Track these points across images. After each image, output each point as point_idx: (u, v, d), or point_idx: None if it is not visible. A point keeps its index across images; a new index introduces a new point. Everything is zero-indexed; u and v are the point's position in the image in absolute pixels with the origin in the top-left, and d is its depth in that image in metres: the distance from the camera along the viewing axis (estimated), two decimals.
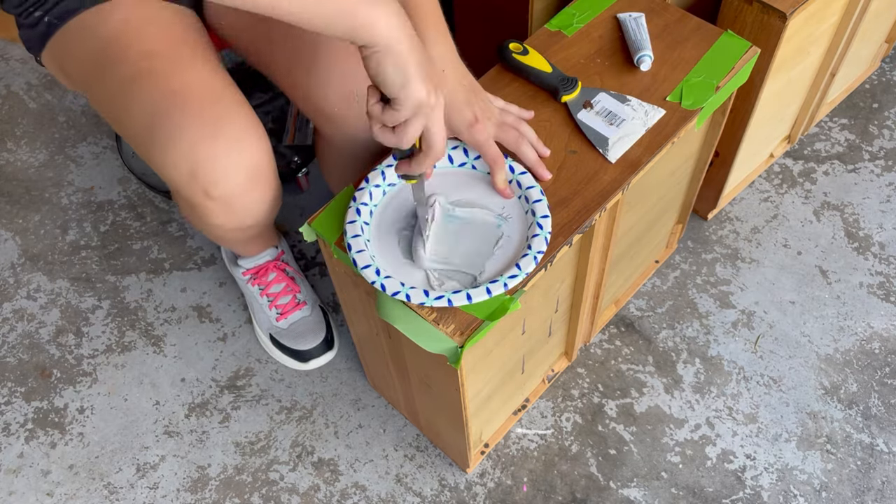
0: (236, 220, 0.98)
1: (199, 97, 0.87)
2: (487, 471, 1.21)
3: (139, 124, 0.88)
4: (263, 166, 0.93)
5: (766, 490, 1.18)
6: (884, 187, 1.49)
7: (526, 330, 1.02)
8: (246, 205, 0.95)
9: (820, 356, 1.30)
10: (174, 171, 0.88)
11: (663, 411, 1.25)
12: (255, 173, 0.92)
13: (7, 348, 1.36)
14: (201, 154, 0.86)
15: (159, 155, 0.88)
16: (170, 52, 0.90)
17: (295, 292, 1.30)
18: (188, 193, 0.91)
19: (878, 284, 1.37)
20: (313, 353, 1.30)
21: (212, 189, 0.89)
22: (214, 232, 1.07)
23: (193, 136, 0.86)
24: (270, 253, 1.27)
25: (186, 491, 1.21)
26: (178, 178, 0.89)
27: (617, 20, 1.06)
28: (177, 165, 0.87)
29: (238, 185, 0.91)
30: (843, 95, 1.61)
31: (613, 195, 0.91)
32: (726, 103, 1.08)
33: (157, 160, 0.89)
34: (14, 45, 1.78)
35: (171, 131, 0.86)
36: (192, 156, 0.86)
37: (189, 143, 0.86)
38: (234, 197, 0.92)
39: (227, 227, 1.00)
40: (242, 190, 0.92)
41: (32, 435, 1.27)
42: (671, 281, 1.39)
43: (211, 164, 0.87)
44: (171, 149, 0.86)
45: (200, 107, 0.86)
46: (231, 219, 0.97)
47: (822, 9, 1.15)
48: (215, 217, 0.95)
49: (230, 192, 0.91)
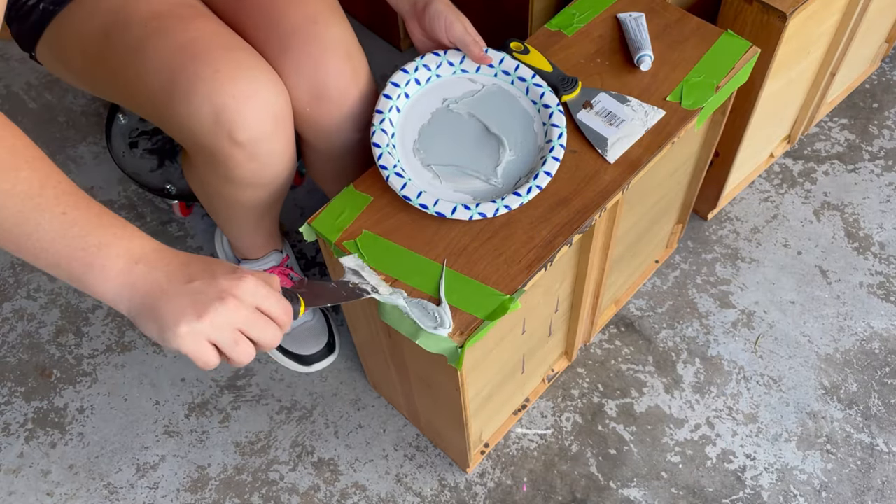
0: (259, 171, 0.95)
1: (215, 45, 0.86)
2: (487, 471, 1.21)
3: (156, 84, 0.87)
4: (286, 114, 0.91)
5: (766, 490, 1.18)
6: (884, 187, 1.49)
7: (526, 330, 1.02)
8: (270, 152, 0.93)
9: (820, 356, 1.30)
10: (197, 121, 0.86)
11: (663, 411, 1.25)
12: (278, 118, 0.90)
13: (7, 348, 1.36)
14: (224, 96, 0.84)
15: (181, 106, 0.86)
16: (176, 11, 0.89)
17: None
18: (213, 142, 0.88)
19: (878, 284, 1.37)
20: (316, 357, 1.29)
21: (237, 132, 0.87)
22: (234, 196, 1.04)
23: (213, 81, 0.84)
24: (275, 258, 1.27)
25: (186, 491, 1.21)
26: (201, 126, 0.87)
27: (617, 20, 1.06)
28: (200, 112, 0.85)
29: (263, 129, 0.89)
30: (843, 95, 1.61)
31: (613, 195, 0.91)
32: (726, 103, 1.08)
33: (179, 114, 0.87)
34: (14, 45, 1.78)
35: (190, 81, 0.84)
36: (215, 98, 0.84)
37: (210, 88, 0.84)
38: (259, 142, 0.90)
39: (249, 180, 0.96)
40: (267, 135, 0.90)
41: (32, 435, 1.27)
42: (671, 281, 1.39)
43: (234, 105, 0.85)
44: (192, 97, 0.85)
45: (217, 54, 0.85)
46: (254, 169, 0.94)
47: (822, 9, 1.15)
48: (239, 167, 0.92)
49: (255, 136, 0.89)
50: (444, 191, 0.89)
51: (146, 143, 1.47)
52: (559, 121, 0.92)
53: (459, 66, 0.96)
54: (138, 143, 1.47)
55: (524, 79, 0.95)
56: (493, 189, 0.90)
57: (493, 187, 0.90)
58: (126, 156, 1.45)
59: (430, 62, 0.96)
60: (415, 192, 0.87)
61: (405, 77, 0.94)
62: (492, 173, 0.91)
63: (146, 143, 1.47)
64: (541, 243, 0.87)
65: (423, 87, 0.96)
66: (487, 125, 0.94)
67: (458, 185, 0.90)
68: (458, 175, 0.91)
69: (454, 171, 0.91)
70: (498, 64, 0.96)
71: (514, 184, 0.90)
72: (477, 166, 0.91)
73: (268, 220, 1.19)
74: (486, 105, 0.95)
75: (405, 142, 0.93)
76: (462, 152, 0.92)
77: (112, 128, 1.47)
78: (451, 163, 0.91)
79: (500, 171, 0.91)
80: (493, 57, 0.96)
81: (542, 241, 0.87)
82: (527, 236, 0.87)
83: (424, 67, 0.95)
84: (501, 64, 0.96)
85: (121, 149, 1.46)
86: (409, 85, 0.95)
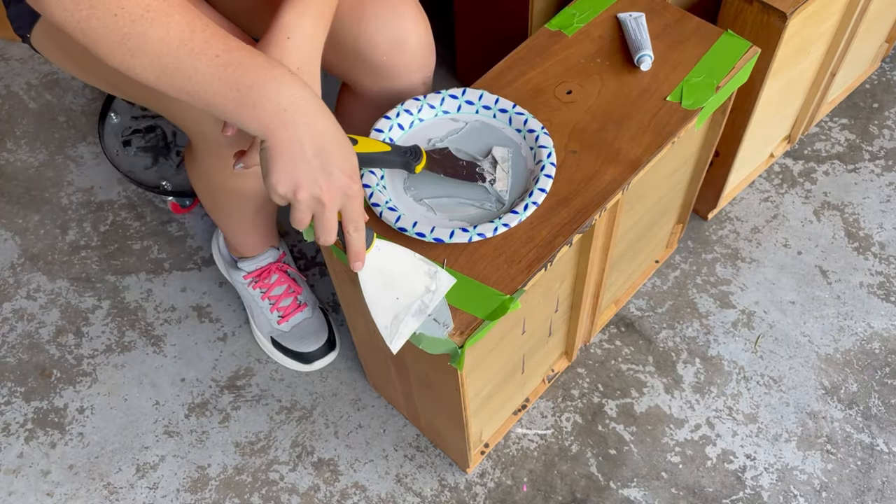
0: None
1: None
2: (487, 471, 1.21)
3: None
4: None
5: (766, 490, 1.18)
6: (884, 187, 1.49)
7: (526, 330, 1.02)
8: None
9: (820, 356, 1.30)
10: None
11: (663, 411, 1.25)
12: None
13: (7, 348, 1.36)
14: None
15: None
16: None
17: (297, 294, 1.30)
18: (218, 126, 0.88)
19: (878, 284, 1.37)
20: (317, 354, 1.29)
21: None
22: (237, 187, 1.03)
23: None
24: (272, 255, 1.27)
25: (186, 491, 1.21)
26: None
27: (617, 20, 1.06)
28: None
29: None
30: (844, 95, 1.61)
31: (613, 195, 0.91)
32: (726, 103, 1.08)
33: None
34: (14, 44, 1.78)
35: None
36: None
37: None
38: None
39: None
40: None
41: (32, 435, 1.27)
42: (671, 281, 1.39)
43: None
44: None
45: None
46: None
47: (822, 9, 1.15)
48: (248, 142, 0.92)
49: None
50: (440, 220, 0.89)
51: (139, 142, 1.47)
52: (546, 142, 0.91)
53: (440, 107, 0.96)
54: (131, 141, 1.47)
55: (505, 110, 0.95)
56: (489, 214, 0.89)
57: (488, 212, 0.89)
58: (120, 155, 1.45)
59: (411, 107, 0.95)
60: (410, 222, 0.86)
61: (388, 123, 0.94)
62: (486, 198, 0.90)
63: (139, 142, 1.47)
64: (541, 243, 0.87)
65: (407, 131, 0.96)
66: (475, 157, 0.93)
67: (454, 214, 0.89)
68: (452, 206, 0.90)
69: (448, 202, 0.90)
70: (478, 100, 0.96)
71: (509, 206, 0.89)
72: (469, 195, 0.91)
73: (265, 212, 1.19)
74: (471, 140, 0.95)
75: (394, 183, 0.92)
76: (453, 185, 0.91)
77: (104, 127, 1.47)
78: (444, 195, 0.91)
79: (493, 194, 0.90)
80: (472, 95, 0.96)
81: (542, 241, 0.87)
82: (527, 236, 0.87)
83: (406, 112, 0.95)
84: (481, 100, 0.96)
85: (114, 148, 1.46)
86: (392, 130, 0.94)
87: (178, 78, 0.68)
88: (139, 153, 1.46)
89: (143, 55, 0.67)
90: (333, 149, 0.72)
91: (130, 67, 0.68)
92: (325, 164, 0.71)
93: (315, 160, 0.71)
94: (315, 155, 0.71)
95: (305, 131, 0.70)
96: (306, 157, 0.70)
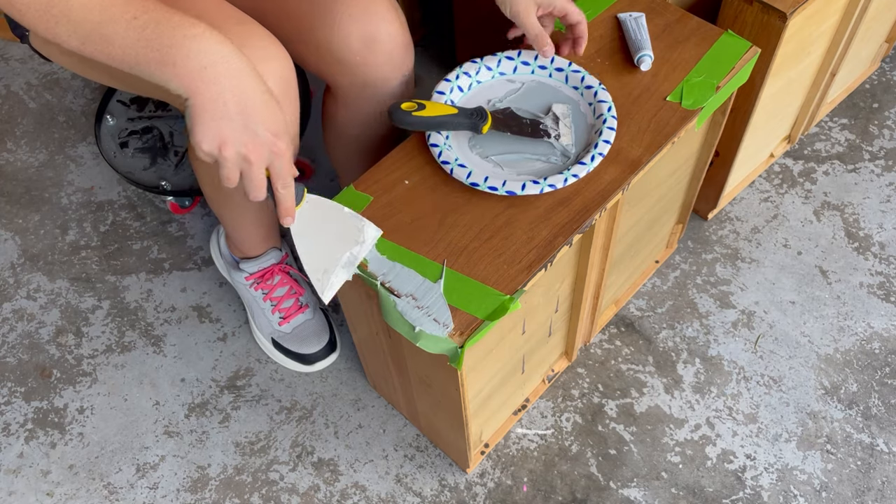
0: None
1: (221, 18, 0.87)
2: (487, 471, 1.21)
3: None
4: (292, 82, 0.92)
5: (766, 490, 1.18)
6: (884, 187, 1.49)
7: (526, 330, 1.02)
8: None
9: (820, 356, 1.30)
10: None
11: (663, 411, 1.25)
12: (286, 86, 0.91)
13: (7, 348, 1.36)
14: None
15: None
16: None
17: (299, 295, 1.30)
18: None
19: (878, 284, 1.37)
20: (318, 355, 1.29)
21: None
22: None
23: None
24: (275, 255, 1.27)
25: (186, 491, 1.21)
26: None
27: (617, 20, 1.06)
28: None
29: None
30: (844, 95, 1.61)
31: (613, 195, 0.91)
32: (726, 103, 1.08)
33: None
34: (14, 44, 1.78)
35: None
36: None
37: None
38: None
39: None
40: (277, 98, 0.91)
41: (32, 435, 1.27)
42: (671, 281, 1.39)
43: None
44: None
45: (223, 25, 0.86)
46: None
47: (822, 9, 1.15)
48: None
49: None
50: (509, 175, 0.92)
51: (136, 143, 1.47)
52: (605, 97, 0.95)
53: (497, 69, 0.99)
54: (128, 142, 1.47)
55: (561, 69, 0.99)
56: (555, 167, 0.92)
57: (554, 165, 0.92)
58: (117, 156, 1.45)
59: (469, 69, 0.99)
60: (481, 177, 0.89)
61: (448, 85, 0.97)
62: (550, 153, 0.93)
63: (136, 143, 1.47)
64: (541, 243, 0.87)
65: (467, 93, 0.99)
66: (536, 114, 0.96)
67: (521, 168, 0.92)
68: (518, 161, 0.93)
69: (514, 158, 0.93)
70: (533, 60, 0.99)
71: (575, 159, 0.92)
72: (535, 151, 0.94)
73: (269, 206, 1.18)
74: (529, 99, 0.98)
75: (460, 142, 0.95)
76: (517, 142, 0.94)
77: (100, 129, 1.47)
78: (509, 151, 0.94)
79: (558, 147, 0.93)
80: (528, 56, 0.99)
81: (542, 241, 0.87)
82: (527, 236, 0.87)
83: (465, 74, 0.98)
84: (537, 60, 0.99)
85: (111, 150, 1.46)
86: (454, 92, 0.97)
87: (101, 43, 0.69)
88: (137, 154, 1.45)
89: (67, 22, 0.68)
90: (257, 106, 0.73)
91: (56, 35, 0.69)
92: (248, 121, 0.72)
93: (238, 118, 0.72)
94: (238, 112, 0.72)
95: (228, 89, 0.71)
96: (229, 114, 0.71)
